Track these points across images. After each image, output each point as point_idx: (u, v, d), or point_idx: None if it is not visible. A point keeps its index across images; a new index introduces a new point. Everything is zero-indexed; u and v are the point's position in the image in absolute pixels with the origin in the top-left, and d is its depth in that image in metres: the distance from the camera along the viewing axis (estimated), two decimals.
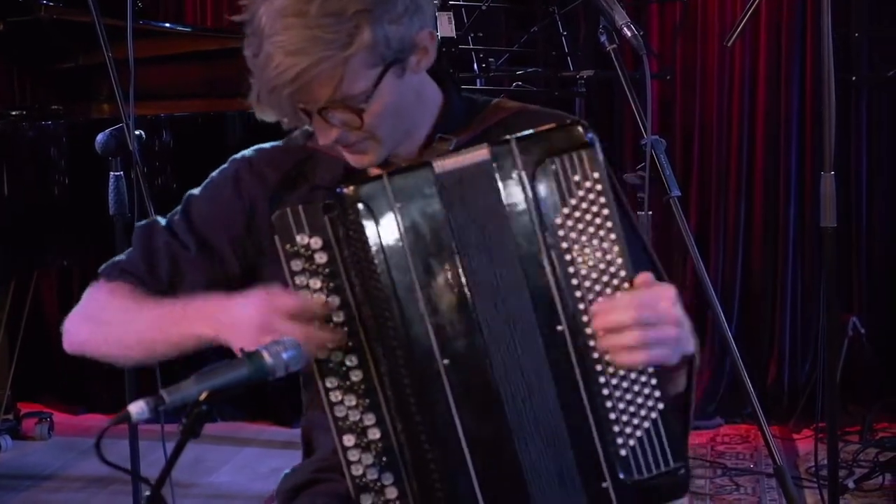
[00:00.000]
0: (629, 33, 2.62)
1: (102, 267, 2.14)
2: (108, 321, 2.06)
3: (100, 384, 5.66)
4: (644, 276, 1.84)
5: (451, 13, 4.17)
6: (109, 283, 2.11)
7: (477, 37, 4.42)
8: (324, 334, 1.86)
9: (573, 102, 4.86)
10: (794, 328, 5.56)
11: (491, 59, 4.48)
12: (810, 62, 5.46)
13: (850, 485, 4.44)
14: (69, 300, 5.67)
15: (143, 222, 2.17)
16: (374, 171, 2.03)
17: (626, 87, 2.63)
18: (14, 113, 4.89)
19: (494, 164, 1.85)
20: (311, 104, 1.91)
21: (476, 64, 4.47)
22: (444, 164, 1.86)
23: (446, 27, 4.08)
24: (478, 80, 4.47)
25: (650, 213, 2.72)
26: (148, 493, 1.78)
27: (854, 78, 4.94)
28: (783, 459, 2.19)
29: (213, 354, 4.58)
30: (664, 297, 1.83)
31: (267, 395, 5.43)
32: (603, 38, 2.72)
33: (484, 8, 4.27)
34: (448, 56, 4.13)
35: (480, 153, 1.86)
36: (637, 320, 1.80)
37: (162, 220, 2.14)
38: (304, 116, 1.95)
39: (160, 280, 2.08)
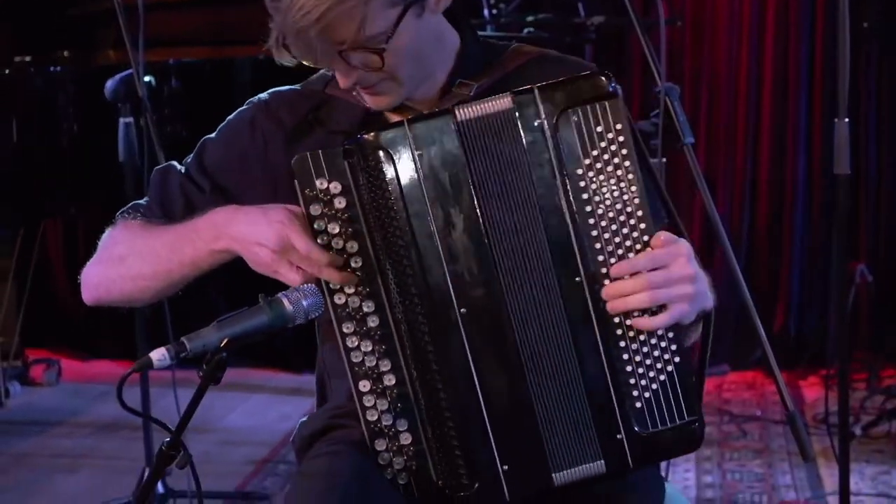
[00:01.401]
0: None
1: (120, 211, 2.14)
2: (122, 255, 2.06)
3: (108, 330, 5.68)
4: (661, 237, 1.85)
5: None
6: (124, 222, 2.11)
7: None
8: (333, 274, 1.86)
9: (583, 49, 4.83)
10: (801, 275, 5.57)
11: (502, 6, 4.46)
12: (821, 8, 5.43)
13: (857, 432, 4.46)
14: (75, 247, 5.71)
15: (160, 166, 2.17)
16: (394, 118, 2.02)
17: (639, 34, 2.62)
18: (18, 59, 4.87)
19: (517, 113, 1.85)
20: (333, 45, 1.90)
21: (487, 10, 4.45)
22: (465, 112, 1.86)
23: None
24: (488, 27, 4.45)
25: (664, 160, 2.71)
26: (167, 439, 1.78)
27: (866, 25, 4.91)
28: (792, 400, 2.19)
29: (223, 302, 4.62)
30: (678, 255, 1.85)
31: (275, 342, 5.45)
32: None
33: None
34: (460, 3, 4.09)
35: (503, 101, 1.85)
36: (648, 284, 1.82)
37: (178, 165, 2.14)
38: (325, 59, 1.94)
39: (174, 219, 2.07)
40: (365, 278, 1.88)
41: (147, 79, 3.60)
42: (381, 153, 1.85)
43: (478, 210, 1.85)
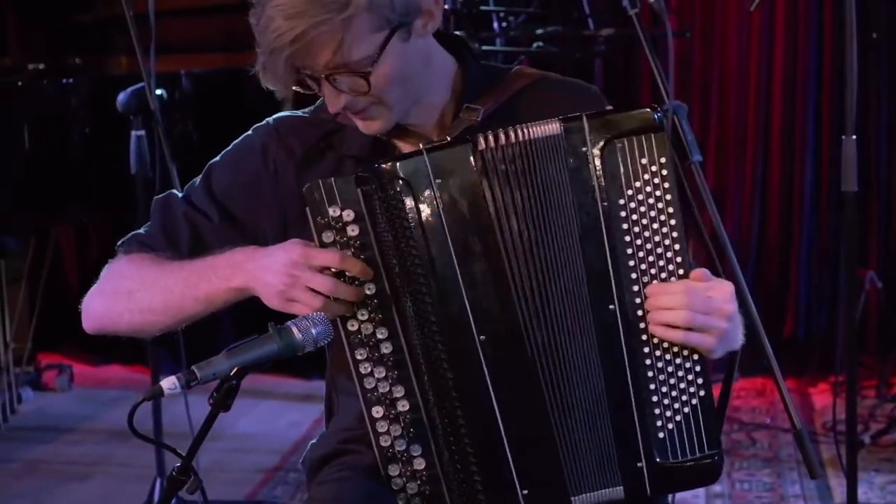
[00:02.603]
0: None
1: (120, 242, 2.13)
2: (130, 290, 2.05)
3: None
4: (700, 271, 1.87)
5: None
6: (128, 255, 2.10)
7: None
8: (350, 289, 1.87)
9: (592, 63, 4.84)
10: (809, 282, 5.58)
11: (511, 19, 4.46)
12: (828, 19, 5.43)
13: (866, 440, 4.46)
14: (88, 253, 5.74)
15: (160, 195, 2.16)
16: (403, 144, 2.04)
17: (648, 54, 2.63)
18: (32, 66, 4.89)
19: (564, 139, 1.86)
20: (312, 69, 1.91)
21: (496, 23, 4.45)
22: (493, 139, 1.86)
23: None
24: (497, 40, 4.45)
25: None
26: (178, 464, 1.80)
27: (875, 35, 4.91)
28: (801, 420, 2.20)
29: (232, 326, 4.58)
30: (721, 291, 1.87)
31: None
32: (625, 3, 2.71)
33: None
34: (469, 17, 4.11)
35: (551, 126, 1.86)
36: (687, 305, 1.83)
37: (178, 193, 2.13)
38: (313, 84, 1.95)
39: (181, 251, 2.07)
40: (378, 305, 1.89)
41: (159, 92, 3.62)
42: (398, 182, 1.86)
43: (500, 239, 1.86)
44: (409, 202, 1.86)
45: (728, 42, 5.57)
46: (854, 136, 3.04)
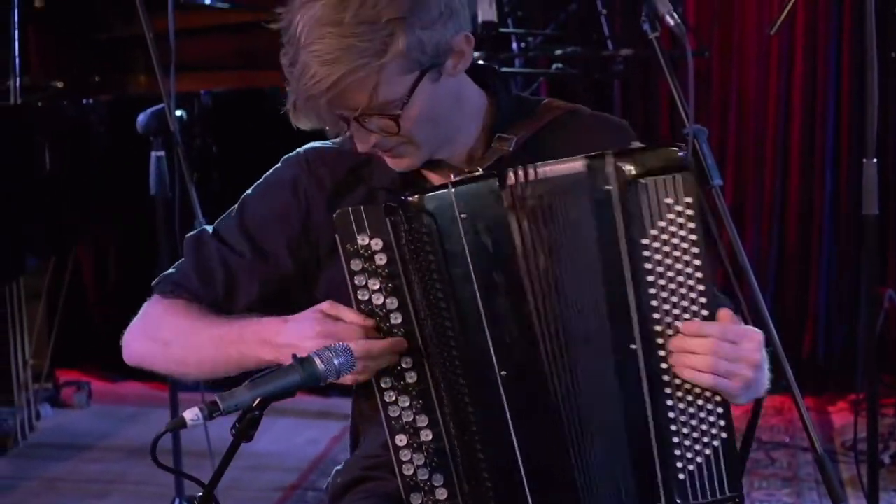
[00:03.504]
0: (672, 22, 2.61)
1: (155, 281, 2.15)
2: (166, 341, 2.09)
3: None
4: (727, 313, 1.85)
5: None
6: (164, 300, 2.12)
7: (517, 17, 4.41)
8: (379, 344, 1.88)
9: (611, 85, 4.83)
10: (828, 300, 5.56)
11: (529, 39, 4.47)
12: (847, 40, 5.42)
13: (886, 459, 4.44)
14: (107, 270, 5.75)
15: (191, 233, 2.17)
16: (433, 176, 2.05)
17: (668, 78, 2.62)
18: (53, 84, 4.91)
19: (588, 176, 1.85)
20: (347, 111, 1.92)
21: (515, 44, 4.46)
22: (518, 175, 1.86)
23: (487, 11, 4.08)
24: (516, 61, 4.46)
25: None
26: (200, 494, 1.80)
27: (894, 55, 4.90)
28: (820, 440, 2.19)
29: None
30: (750, 339, 1.86)
31: None
32: (645, 27, 2.70)
33: None
34: (488, 39, 4.12)
35: (576, 164, 1.86)
36: (713, 351, 1.82)
37: (209, 228, 2.15)
38: (342, 123, 1.96)
39: (215, 291, 2.09)
40: (404, 334, 1.90)
41: (178, 113, 3.63)
42: (424, 216, 1.86)
43: (522, 273, 1.86)
44: (433, 235, 1.86)
45: (747, 62, 5.57)
46: (875, 160, 3.04)
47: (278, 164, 2.15)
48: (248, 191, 2.15)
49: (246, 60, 4.98)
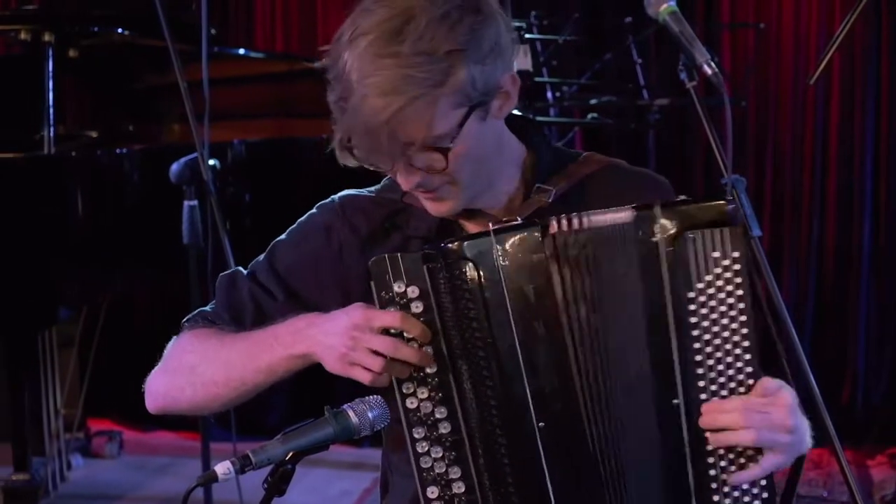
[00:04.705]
0: (709, 71, 2.59)
1: (186, 318, 2.14)
2: (192, 364, 2.05)
3: None
4: (765, 383, 1.82)
5: (528, 46, 4.17)
6: (191, 331, 2.10)
7: (552, 67, 4.41)
8: (411, 350, 1.84)
9: (647, 135, 4.82)
10: (868, 349, 5.50)
11: (564, 88, 4.46)
12: (886, 81, 5.40)
13: None
14: (140, 317, 5.75)
15: (226, 272, 2.16)
16: (470, 226, 2.02)
17: (706, 128, 2.59)
18: (87, 133, 4.93)
19: (635, 227, 1.82)
20: (402, 145, 1.88)
21: (550, 93, 4.45)
22: (563, 224, 1.84)
23: (522, 60, 4.08)
24: (551, 110, 4.45)
25: None
26: None
27: None
28: (860, 494, 2.14)
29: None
30: (779, 406, 1.81)
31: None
32: (683, 76, 2.68)
33: (560, 42, 4.26)
34: (524, 88, 4.12)
35: (623, 214, 1.83)
36: (748, 423, 1.79)
37: (244, 270, 2.14)
38: (387, 161, 1.93)
39: (244, 327, 2.06)
40: (438, 384, 1.87)
41: (212, 162, 3.63)
42: (464, 262, 1.83)
43: (563, 323, 1.83)
44: (473, 283, 1.83)
45: (783, 109, 5.56)
46: None
47: (313, 210, 2.13)
48: (283, 235, 2.14)
49: (279, 110, 5.00)
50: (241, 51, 5.41)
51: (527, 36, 4.29)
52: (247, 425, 4.74)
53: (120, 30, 4.65)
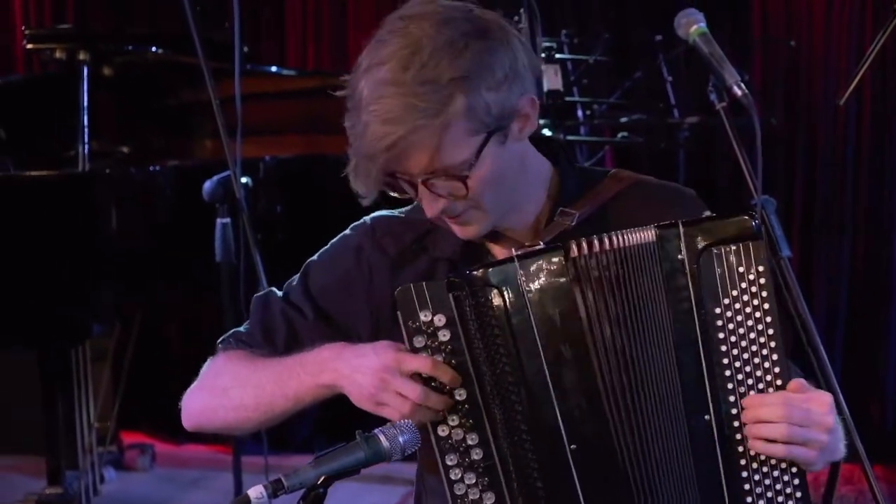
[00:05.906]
0: (739, 92, 2.59)
1: (221, 339, 2.17)
2: (224, 386, 2.08)
3: None
4: (798, 382, 1.83)
5: (558, 65, 4.18)
6: (226, 352, 2.13)
7: (582, 86, 4.42)
8: (439, 398, 1.85)
9: (677, 154, 4.81)
10: None
11: (595, 107, 4.47)
12: None
13: None
14: (172, 333, 5.79)
15: (260, 293, 2.19)
16: (496, 248, 2.03)
17: (736, 149, 2.59)
18: (121, 150, 4.97)
19: (659, 246, 1.84)
20: (409, 174, 1.91)
21: (580, 111, 4.46)
22: (584, 247, 1.85)
23: (553, 79, 4.09)
24: (581, 129, 4.46)
25: None
26: None
27: None
28: None
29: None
30: (820, 403, 1.82)
31: (366, 428, 5.42)
32: (713, 97, 2.68)
33: (591, 61, 4.27)
34: (554, 107, 4.13)
35: (646, 234, 1.85)
36: (786, 418, 1.79)
37: (278, 291, 2.16)
38: (410, 189, 1.95)
39: (277, 347, 2.09)
40: (468, 411, 1.88)
41: (244, 180, 3.66)
42: (489, 289, 1.84)
43: (590, 345, 1.84)
44: (499, 310, 1.84)
45: (813, 128, 5.54)
46: None
47: (346, 231, 2.15)
48: (315, 256, 2.16)
49: (311, 126, 5.02)
50: (273, 68, 5.44)
51: (557, 56, 4.30)
52: (278, 439, 4.76)
53: (154, 48, 4.68)
